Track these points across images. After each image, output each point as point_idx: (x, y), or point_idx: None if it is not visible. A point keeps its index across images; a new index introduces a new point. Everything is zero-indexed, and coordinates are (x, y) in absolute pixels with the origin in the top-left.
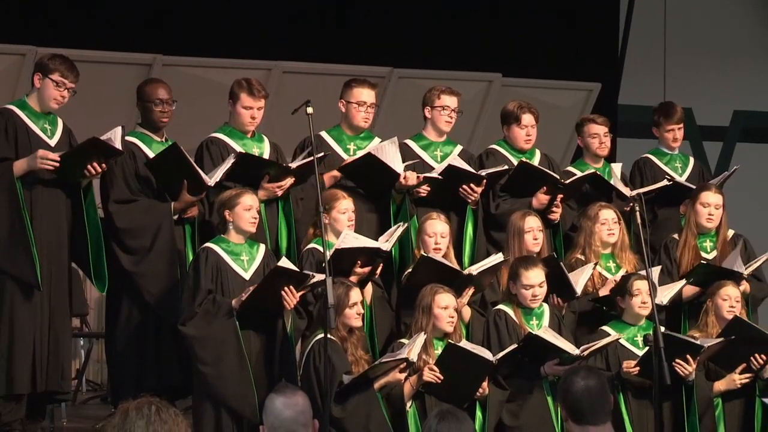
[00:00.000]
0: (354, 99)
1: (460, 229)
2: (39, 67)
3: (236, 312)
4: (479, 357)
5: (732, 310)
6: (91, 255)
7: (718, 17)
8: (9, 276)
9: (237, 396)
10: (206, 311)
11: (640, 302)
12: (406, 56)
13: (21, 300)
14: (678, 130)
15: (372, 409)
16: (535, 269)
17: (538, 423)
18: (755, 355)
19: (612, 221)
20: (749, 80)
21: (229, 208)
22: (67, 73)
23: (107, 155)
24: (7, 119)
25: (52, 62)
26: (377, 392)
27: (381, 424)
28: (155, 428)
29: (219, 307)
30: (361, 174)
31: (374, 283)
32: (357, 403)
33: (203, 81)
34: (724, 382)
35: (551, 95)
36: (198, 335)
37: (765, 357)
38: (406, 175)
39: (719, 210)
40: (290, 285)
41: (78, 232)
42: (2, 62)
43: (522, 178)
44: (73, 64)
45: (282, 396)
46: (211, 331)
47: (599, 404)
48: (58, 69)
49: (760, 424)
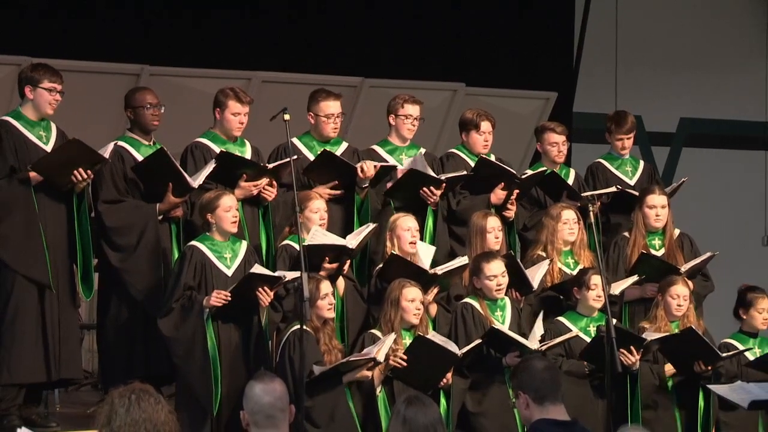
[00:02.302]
0: (322, 112)
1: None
2: (28, 80)
3: (207, 309)
4: (446, 350)
5: (680, 308)
6: (80, 262)
7: (666, 31)
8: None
9: (201, 389)
10: (182, 306)
11: (596, 295)
12: (377, 67)
13: (33, 294)
14: (627, 139)
15: (338, 402)
16: (495, 261)
17: (499, 409)
18: (699, 363)
19: (573, 221)
20: (694, 90)
21: (209, 211)
22: (54, 78)
23: (92, 161)
24: (6, 130)
25: (37, 73)
26: (345, 386)
27: (345, 415)
28: (133, 416)
29: (193, 303)
30: (323, 172)
31: (346, 277)
32: (325, 395)
33: (188, 90)
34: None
35: (511, 103)
36: (171, 331)
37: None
38: (362, 166)
39: (665, 209)
40: (264, 286)
41: (70, 238)
42: None
43: (481, 173)
44: (54, 68)
45: (261, 383)
46: (184, 328)
47: (557, 382)
48: (46, 77)
49: (702, 415)
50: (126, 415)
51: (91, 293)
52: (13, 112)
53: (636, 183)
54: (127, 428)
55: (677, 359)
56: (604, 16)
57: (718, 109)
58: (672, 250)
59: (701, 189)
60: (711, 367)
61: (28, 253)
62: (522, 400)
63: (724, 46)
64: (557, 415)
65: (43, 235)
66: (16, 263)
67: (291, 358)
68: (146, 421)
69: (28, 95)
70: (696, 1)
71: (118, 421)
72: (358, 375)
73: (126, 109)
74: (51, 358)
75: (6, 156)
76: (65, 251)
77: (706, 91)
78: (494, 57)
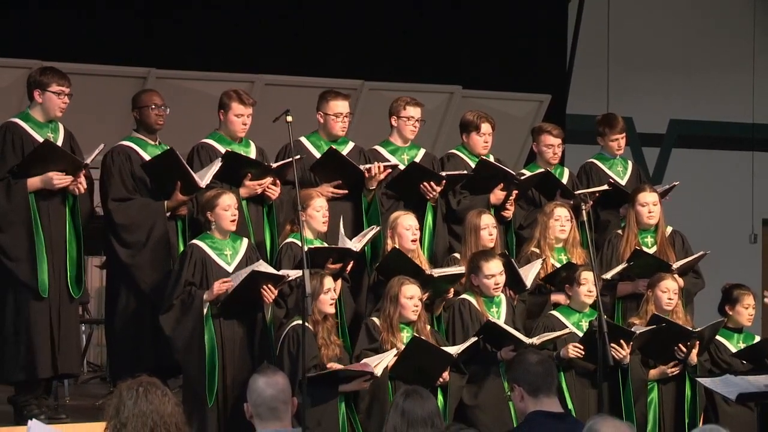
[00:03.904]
0: (331, 111)
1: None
2: (36, 84)
3: (210, 302)
4: (441, 350)
5: (670, 302)
6: (69, 263)
7: (656, 36)
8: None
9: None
10: (182, 302)
11: (587, 291)
12: (376, 70)
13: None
14: (621, 139)
15: (328, 407)
16: (494, 260)
17: (494, 402)
18: (679, 345)
19: (565, 218)
20: (684, 92)
21: (209, 209)
22: (62, 81)
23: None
24: (13, 132)
25: (45, 76)
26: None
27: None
28: (140, 408)
29: (194, 299)
30: (329, 170)
31: (342, 277)
32: (317, 397)
33: (193, 92)
34: (657, 372)
35: (506, 105)
36: (171, 326)
37: (685, 346)
38: (371, 167)
39: (657, 207)
40: (269, 283)
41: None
42: (11, 75)
43: (481, 174)
44: (61, 71)
45: (264, 376)
46: (184, 323)
47: (552, 376)
48: (54, 80)
49: (689, 405)
50: (134, 407)
51: (80, 292)
52: (21, 114)
53: (627, 182)
54: (135, 419)
55: (658, 352)
56: (597, 22)
57: (707, 111)
58: (664, 247)
59: (690, 189)
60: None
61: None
62: (517, 393)
63: (712, 49)
64: (551, 408)
65: (43, 238)
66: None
67: (290, 352)
68: (153, 412)
69: (36, 99)
70: (686, 6)
71: (125, 413)
72: (356, 386)
73: (133, 110)
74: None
75: (6, 158)
76: (64, 250)
77: (696, 93)
78: (490, 60)
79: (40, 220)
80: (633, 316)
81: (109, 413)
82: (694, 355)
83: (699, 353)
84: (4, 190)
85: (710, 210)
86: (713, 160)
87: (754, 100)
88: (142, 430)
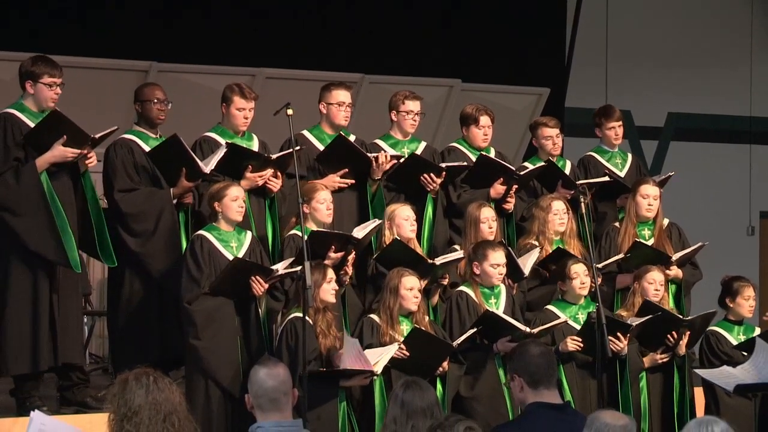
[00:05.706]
0: (334, 100)
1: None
2: (28, 75)
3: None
4: (441, 341)
5: (657, 293)
6: (96, 232)
7: (655, 29)
8: (47, 261)
9: (226, 370)
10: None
11: (579, 284)
12: (376, 64)
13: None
14: (618, 127)
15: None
16: (500, 250)
17: (491, 393)
18: (672, 333)
19: (562, 212)
20: (682, 85)
21: (217, 200)
22: (54, 72)
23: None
24: (11, 123)
25: (37, 67)
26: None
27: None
28: (154, 396)
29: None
30: (336, 159)
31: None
32: (316, 394)
33: (195, 85)
34: (648, 360)
35: (505, 99)
36: (205, 313)
37: (676, 334)
38: (377, 156)
39: (657, 201)
40: (257, 276)
41: (80, 216)
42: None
43: (481, 169)
44: (53, 61)
45: (265, 367)
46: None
47: (553, 369)
48: (46, 71)
49: (678, 395)
50: (147, 396)
51: (113, 261)
52: (16, 104)
53: (626, 175)
54: (149, 408)
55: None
56: (595, 15)
57: (705, 104)
58: (661, 240)
59: (688, 181)
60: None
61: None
62: (516, 383)
63: (710, 43)
64: (551, 399)
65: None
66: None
67: (289, 345)
68: (166, 401)
69: (28, 90)
70: None
71: (137, 402)
72: (357, 382)
73: (135, 103)
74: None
75: (9, 148)
76: (75, 235)
77: (694, 86)
78: (490, 54)
79: (57, 198)
80: (620, 308)
81: (115, 403)
82: (683, 345)
83: (691, 344)
84: (13, 175)
85: (708, 202)
86: (711, 153)
87: (752, 94)
88: (156, 418)
